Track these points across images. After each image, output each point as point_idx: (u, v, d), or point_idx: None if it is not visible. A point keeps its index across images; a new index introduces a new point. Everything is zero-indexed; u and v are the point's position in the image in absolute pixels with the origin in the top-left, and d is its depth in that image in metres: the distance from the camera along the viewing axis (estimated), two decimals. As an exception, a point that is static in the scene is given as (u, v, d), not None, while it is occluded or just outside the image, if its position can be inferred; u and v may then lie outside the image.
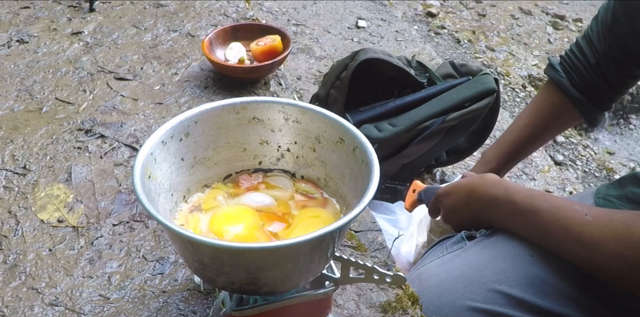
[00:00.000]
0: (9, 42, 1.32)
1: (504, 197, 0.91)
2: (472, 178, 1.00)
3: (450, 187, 1.03)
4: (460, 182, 1.01)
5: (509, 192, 0.91)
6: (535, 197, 0.89)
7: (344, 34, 2.28)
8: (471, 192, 0.97)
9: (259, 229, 0.67)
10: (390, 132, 1.32)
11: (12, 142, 1.07)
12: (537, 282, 0.86)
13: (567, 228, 0.82)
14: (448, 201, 1.02)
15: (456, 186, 1.01)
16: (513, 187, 0.92)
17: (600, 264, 0.79)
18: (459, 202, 0.99)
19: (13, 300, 0.82)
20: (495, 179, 0.96)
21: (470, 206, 0.98)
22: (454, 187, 1.02)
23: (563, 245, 0.83)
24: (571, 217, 0.82)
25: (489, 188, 0.94)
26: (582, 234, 0.80)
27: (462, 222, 1.02)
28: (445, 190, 1.03)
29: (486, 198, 0.94)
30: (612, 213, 0.81)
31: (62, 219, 0.93)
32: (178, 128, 0.67)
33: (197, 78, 1.24)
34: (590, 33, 1.10)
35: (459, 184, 1.01)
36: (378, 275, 0.68)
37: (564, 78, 1.13)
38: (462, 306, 0.88)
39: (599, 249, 0.78)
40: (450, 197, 1.02)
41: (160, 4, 1.47)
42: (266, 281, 0.61)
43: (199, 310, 0.81)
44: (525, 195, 0.89)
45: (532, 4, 3.13)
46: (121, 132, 1.10)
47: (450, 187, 1.03)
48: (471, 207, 0.98)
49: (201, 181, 0.72)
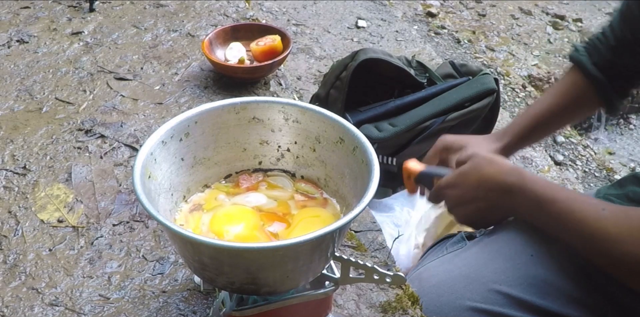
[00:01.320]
0: (9, 42, 1.32)
1: (520, 186, 0.85)
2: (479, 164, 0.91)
3: (455, 177, 0.93)
4: (468, 171, 0.91)
5: (524, 180, 0.86)
6: (551, 187, 0.85)
7: (344, 34, 2.28)
8: (483, 181, 0.89)
9: (259, 229, 0.67)
10: (390, 132, 1.32)
11: (12, 142, 1.07)
12: (537, 282, 0.86)
13: (583, 221, 0.79)
14: (454, 192, 0.93)
15: (463, 174, 0.92)
16: (528, 174, 0.87)
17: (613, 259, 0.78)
18: (468, 193, 0.91)
19: (13, 300, 0.82)
20: (508, 165, 0.89)
21: (481, 197, 0.90)
22: (460, 176, 0.92)
23: (577, 238, 0.81)
24: (587, 210, 0.80)
25: (504, 176, 0.87)
26: (597, 228, 0.78)
27: (471, 215, 0.93)
28: (449, 181, 0.93)
29: (500, 187, 0.87)
30: (629, 209, 0.80)
31: (62, 219, 0.93)
32: (178, 128, 0.67)
33: (197, 78, 1.24)
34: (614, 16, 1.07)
35: (466, 173, 0.92)
36: (378, 275, 0.68)
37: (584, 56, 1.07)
38: (462, 306, 0.88)
39: (613, 244, 0.77)
40: (457, 189, 0.92)
41: (160, 4, 1.47)
42: (266, 281, 0.61)
43: (199, 310, 0.81)
44: (542, 184, 0.85)
45: (532, 4, 3.13)
46: (121, 132, 1.10)
47: (455, 176, 0.93)
48: (482, 197, 0.90)
49: (201, 181, 0.73)
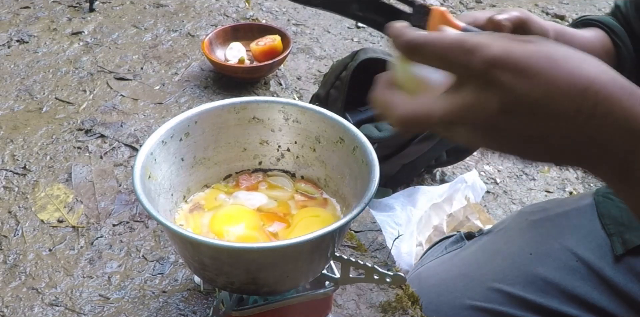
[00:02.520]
0: (9, 42, 1.32)
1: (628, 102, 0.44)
2: (552, 55, 0.44)
3: (534, 61, 0.43)
4: (535, 65, 0.43)
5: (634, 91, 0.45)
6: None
7: (344, 34, 2.28)
8: (597, 103, 0.43)
9: (259, 229, 0.67)
10: (390, 132, 1.32)
11: (12, 142, 1.07)
12: (536, 280, 0.86)
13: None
14: (530, 94, 0.43)
15: (554, 62, 0.43)
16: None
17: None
18: (569, 108, 0.43)
19: (13, 300, 0.82)
20: (627, 83, 0.45)
21: (593, 122, 0.43)
22: (548, 65, 0.43)
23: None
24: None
25: (631, 104, 0.43)
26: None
27: (551, 149, 0.46)
28: (520, 61, 0.43)
29: (624, 125, 0.44)
30: None
31: (62, 219, 0.93)
32: (178, 128, 0.67)
33: (197, 78, 1.24)
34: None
35: (564, 57, 0.44)
36: (378, 275, 0.68)
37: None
38: (461, 304, 0.88)
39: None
40: (540, 88, 0.43)
41: (160, 4, 1.47)
42: (266, 281, 0.62)
43: (199, 310, 0.81)
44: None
45: (532, 4, 3.13)
46: (121, 132, 1.10)
47: (535, 60, 0.43)
48: (593, 124, 0.43)
49: (201, 180, 0.73)
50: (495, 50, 0.43)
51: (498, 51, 0.43)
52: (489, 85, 0.43)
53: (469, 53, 0.43)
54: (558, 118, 0.43)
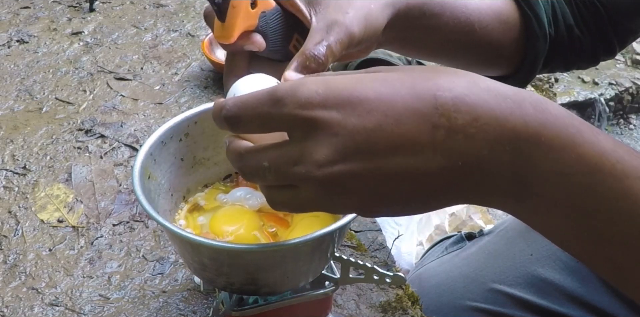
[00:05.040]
0: (9, 42, 1.32)
1: (548, 136, 0.37)
2: (432, 73, 0.38)
3: (362, 92, 0.36)
4: (401, 80, 0.37)
5: (545, 122, 0.37)
6: (616, 145, 0.39)
7: (344, 34, 2.28)
8: (456, 111, 0.35)
9: (259, 229, 0.67)
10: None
11: (12, 142, 1.07)
12: (537, 281, 0.86)
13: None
14: (364, 124, 0.35)
15: (390, 88, 0.36)
16: (551, 106, 0.38)
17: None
18: (420, 126, 0.35)
19: (13, 300, 0.82)
20: (500, 86, 0.38)
21: (447, 152, 0.36)
22: (381, 94, 0.36)
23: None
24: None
25: (503, 109, 0.36)
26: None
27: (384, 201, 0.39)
28: (342, 94, 0.36)
29: (502, 133, 0.36)
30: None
31: (62, 219, 0.93)
32: (178, 128, 0.67)
33: (197, 78, 1.24)
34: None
35: (399, 80, 0.37)
36: (378, 275, 0.68)
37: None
38: (462, 305, 0.88)
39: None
40: (373, 113, 0.35)
41: (160, 4, 1.47)
42: (266, 281, 0.61)
43: (199, 310, 0.81)
44: (591, 139, 0.38)
45: None
46: (121, 132, 1.10)
47: (362, 89, 0.36)
48: (448, 154, 0.36)
49: (201, 181, 0.72)
50: (308, 90, 0.36)
51: (312, 90, 0.36)
52: (313, 131, 0.36)
53: (279, 103, 0.37)
54: (412, 143, 0.34)
